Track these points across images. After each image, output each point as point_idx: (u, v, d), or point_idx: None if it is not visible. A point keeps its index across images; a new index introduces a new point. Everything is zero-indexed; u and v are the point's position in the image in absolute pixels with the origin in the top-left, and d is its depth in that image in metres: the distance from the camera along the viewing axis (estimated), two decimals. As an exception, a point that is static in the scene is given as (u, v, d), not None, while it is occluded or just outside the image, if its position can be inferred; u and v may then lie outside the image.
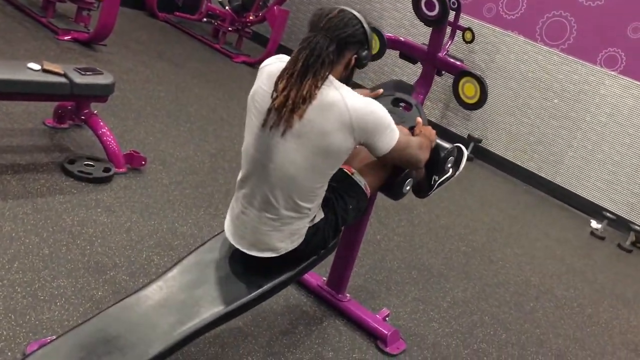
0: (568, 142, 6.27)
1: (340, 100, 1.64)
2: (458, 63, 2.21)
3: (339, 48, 1.67)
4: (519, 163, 6.56)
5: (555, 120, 6.33)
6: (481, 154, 6.75)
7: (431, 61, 2.49)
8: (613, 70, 5.97)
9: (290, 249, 1.87)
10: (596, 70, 6.07)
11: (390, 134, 1.76)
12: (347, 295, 2.69)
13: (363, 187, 2.00)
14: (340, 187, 1.96)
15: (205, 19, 7.72)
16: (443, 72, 5.24)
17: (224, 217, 2.06)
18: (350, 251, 2.59)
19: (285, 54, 1.81)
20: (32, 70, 2.87)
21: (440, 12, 2.16)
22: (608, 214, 5.54)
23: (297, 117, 1.64)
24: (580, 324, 3.49)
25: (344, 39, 1.67)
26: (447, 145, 2.32)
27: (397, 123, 2.28)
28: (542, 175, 6.42)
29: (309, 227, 1.88)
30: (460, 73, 2.22)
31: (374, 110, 1.69)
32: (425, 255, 3.63)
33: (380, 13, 7.40)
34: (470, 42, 6.56)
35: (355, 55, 1.73)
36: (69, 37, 5.20)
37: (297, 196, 1.77)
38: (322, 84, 1.64)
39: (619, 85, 5.94)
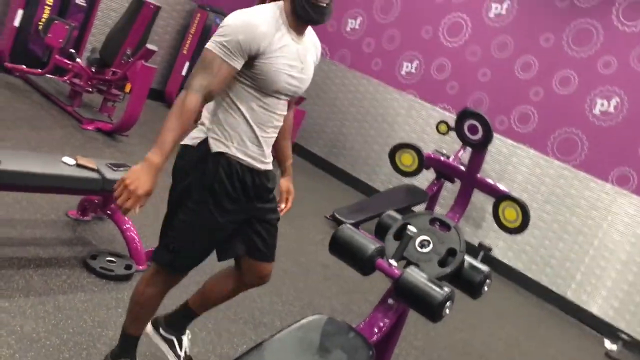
0: (580, 258, 6.22)
1: None
2: (501, 187, 2.22)
3: None
4: (529, 275, 6.48)
5: (568, 235, 6.32)
6: (491, 263, 6.68)
7: (470, 182, 2.51)
8: (625, 189, 6.04)
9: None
10: (608, 188, 6.13)
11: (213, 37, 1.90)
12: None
13: None
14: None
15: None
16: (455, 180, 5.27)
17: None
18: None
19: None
20: (67, 164, 2.89)
21: (484, 136, 2.20)
22: (623, 335, 5.40)
23: None
24: None
25: None
26: (483, 268, 2.26)
27: (434, 243, 2.26)
28: (554, 289, 6.32)
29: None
30: (501, 197, 2.23)
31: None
32: (446, 374, 3.49)
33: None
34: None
35: None
36: (93, 126, 5.29)
37: None
38: None
39: (632, 205, 5.98)
